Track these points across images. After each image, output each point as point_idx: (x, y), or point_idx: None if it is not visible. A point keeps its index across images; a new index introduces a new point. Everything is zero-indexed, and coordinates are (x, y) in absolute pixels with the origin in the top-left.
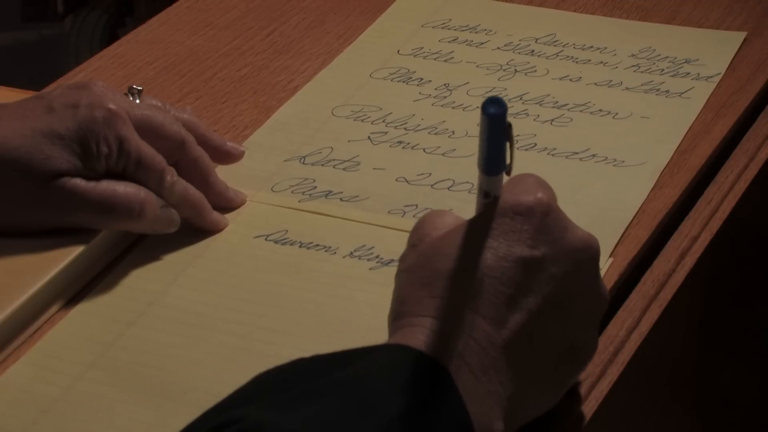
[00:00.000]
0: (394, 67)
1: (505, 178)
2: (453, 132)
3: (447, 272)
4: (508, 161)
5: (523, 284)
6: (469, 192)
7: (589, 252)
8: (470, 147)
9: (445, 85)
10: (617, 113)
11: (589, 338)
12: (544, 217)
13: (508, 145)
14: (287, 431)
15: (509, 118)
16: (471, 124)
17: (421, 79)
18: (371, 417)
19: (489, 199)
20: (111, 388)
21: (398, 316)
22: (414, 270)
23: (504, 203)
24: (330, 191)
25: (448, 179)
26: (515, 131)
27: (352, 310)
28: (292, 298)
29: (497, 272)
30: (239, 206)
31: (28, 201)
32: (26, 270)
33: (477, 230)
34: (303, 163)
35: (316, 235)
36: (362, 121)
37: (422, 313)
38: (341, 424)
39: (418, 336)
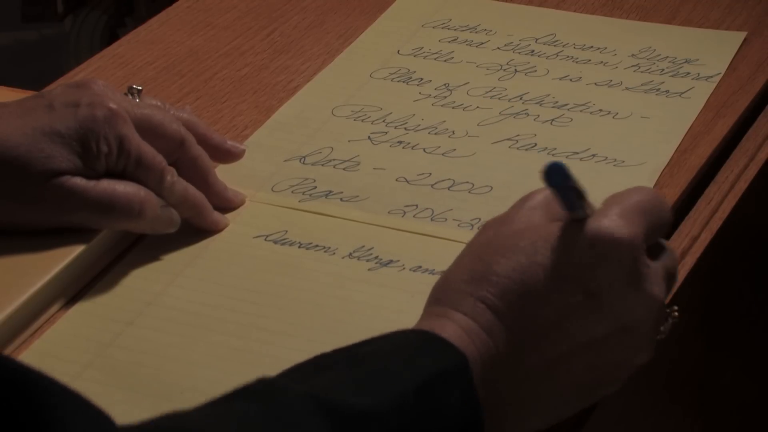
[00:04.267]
0: (394, 67)
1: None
2: (453, 132)
3: (498, 278)
4: (584, 211)
5: (569, 322)
6: (469, 192)
7: (649, 309)
8: (470, 147)
9: (445, 85)
10: (617, 113)
11: (613, 381)
12: (621, 259)
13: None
14: (292, 391)
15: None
16: (471, 124)
17: (421, 79)
18: (387, 388)
19: (579, 214)
20: (109, 388)
21: (439, 300)
22: (478, 253)
23: (590, 230)
24: (330, 191)
25: (448, 179)
26: (515, 131)
27: (351, 311)
28: (291, 299)
29: (548, 301)
30: (238, 206)
31: (28, 199)
32: (26, 270)
33: (548, 249)
34: (303, 163)
35: (315, 235)
36: (362, 121)
37: (459, 309)
38: (356, 390)
39: (448, 329)
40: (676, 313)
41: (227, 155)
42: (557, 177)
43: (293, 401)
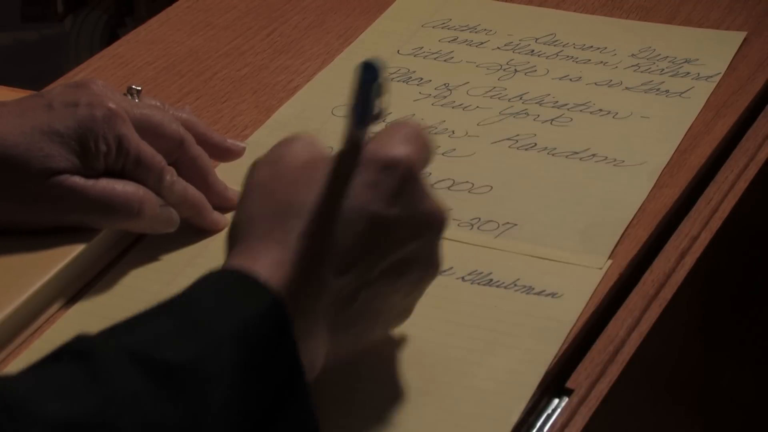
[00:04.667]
0: (394, 67)
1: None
2: (453, 132)
3: (301, 209)
4: (378, 109)
5: (369, 240)
6: (469, 192)
7: (437, 225)
8: (470, 147)
9: (445, 85)
10: (617, 113)
11: (407, 306)
12: (407, 179)
13: (381, 99)
14: (108, 347)
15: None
16: (471, 124)
17: (421, 79)
18: (202, 337)
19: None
20: None
21: (244, 236)
22: (268, 190)
23: (373, 153)
24: None
25: (448, 179)
26: (515, 131)
27: None
28: None
29: (348, 223)
30: None
31: (26, 199)
32: (26, 269)
33: (339, 174)
34: None
35: None
36: None
37: (269, 242)
38: (170, 342)
39: (262, 265)
40: None
41: (227, 153)
42: (372, 73)
43: (109, 358)
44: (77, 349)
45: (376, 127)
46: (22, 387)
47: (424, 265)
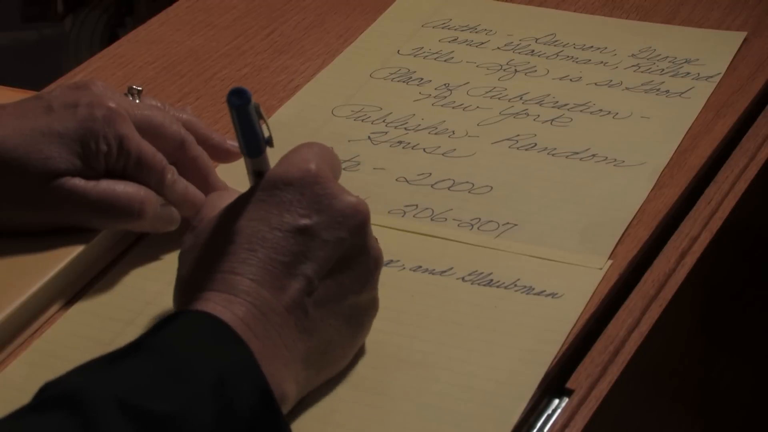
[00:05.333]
0: (394, 67)
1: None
2: (453, 132)
3: (225, 248)
4: (267, 134)
5: (298, 251)
6: (469, 192)
7: (358, 217)
8: (470, 147)
9: (445, 85)
10: (617, 113)
11: (368, 298)
12: (313, 187)
13: (263, 124)
14: (95, 395)
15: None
16: (471, 124)
17: (421, 79)
18: (184, 386)
19: (260, 177)
20: None
21: (185, 292)
22: (193, 250)
23: (274, 176)
24: None
25: (448, 179)
26: (515, 131)
27: None
28: None
29: (271, 242)
30: None
31: (27, 201)
32: (26, 270)
33: (249, 204)
34: None
35: None
36: (362, 121)
37: (208, 287)
38: (155, 390)
39: (207, 306)
40: None
41: (227, 155)
42: (237, 98)
43: (99, 408)
44: (64, 396)
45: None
46: None
47: (363, 257)
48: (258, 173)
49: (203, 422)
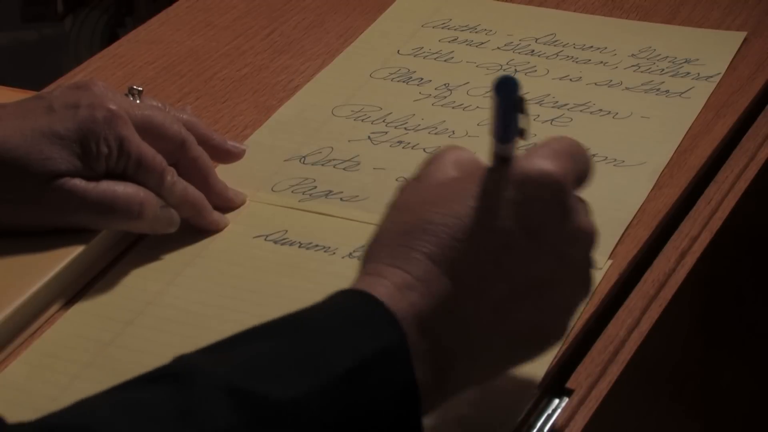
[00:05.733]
0: (394, 67)
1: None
2: (453, 132)
3: (434, 227)
4: (523, 127)
5: (508, 260)
6: None
7: (585, 243)
8: (470, 147)
9: (445, 85)
10: (617, 113)
11: (559, 326)
12: (553, 195)
13: (523, 116)
14: (207, 377)
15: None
16: (471, 124)
17: (421, 79)
18: (310, 366)
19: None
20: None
21: (372, 257)
22: (404, 208)
23: (517, 169)
24: (330, 191)
25: None
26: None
27: None
28: (291, 299)
29: (485, 242)
30: (239, 206)
31: (27, 201)
32: (26, 270)
33: (479, 191)
34: (303, 163)
35: (315, 235)
36: (362, 121)
37: (394, 264)
38: (277, 372)
39: (384, 288)
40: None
41: (228, 155)
42: (507, 89)
43: (206, 389)
44: (176, 372)
45: (523, 142)
46: (106, 410)
47: (570, 283)
48: (502, 158)
49: (328, 413)
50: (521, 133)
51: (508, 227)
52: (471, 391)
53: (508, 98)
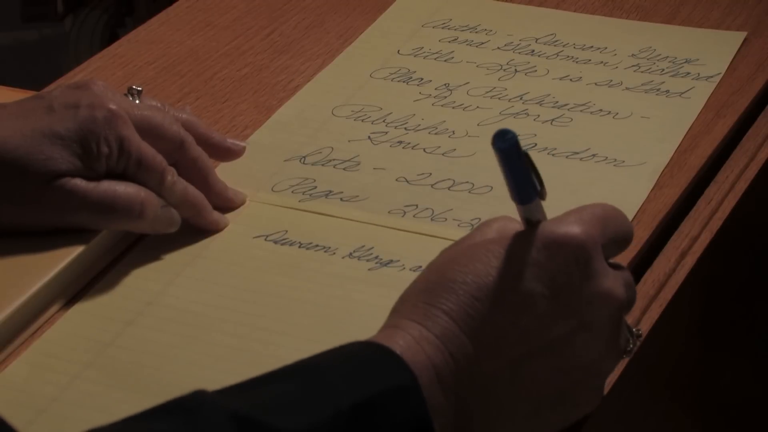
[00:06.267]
0: (394, 67)
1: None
2: (453, 132)
3: (455, 285)
4: (538, 187)
5: (527, 320)
6: (469, 192)
7: (607, 307)
8: (470, 147)
9: (445, 85)
10: (617, 113)
11: (588, 389)
12: (576, 257)
13: (532, 172)
14: (217, 410)
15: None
16: (471, 124)
17: (421, 79)
18: (318, 402)
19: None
20: (108, 388)
21: (395, 312)
22: (435, 268)
23: (543, 232)
24: (330, 191)
25: (448, 179)
26: (516, 131)
27: (351, 311)
28: (291, 299)
29: (504, 302)
30: (239, 206)
31: (28, 201)
32: (26, 270)
33: (503, 251)
34: (303, 163)
35: (315, 235)
36: (362, 121)
37: (412, 318)
38: (285, 406)
39: (401, 339)
40: (641, 332)
41: (228, 153)
42: (501, 141)
43: (213, 420)
44: (186, 407)
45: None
46: None
47: (591, 346)
48: (529, 221)
49: None
50: (539, 193)
51: (528, 288)
52: None
53: (509, 152)
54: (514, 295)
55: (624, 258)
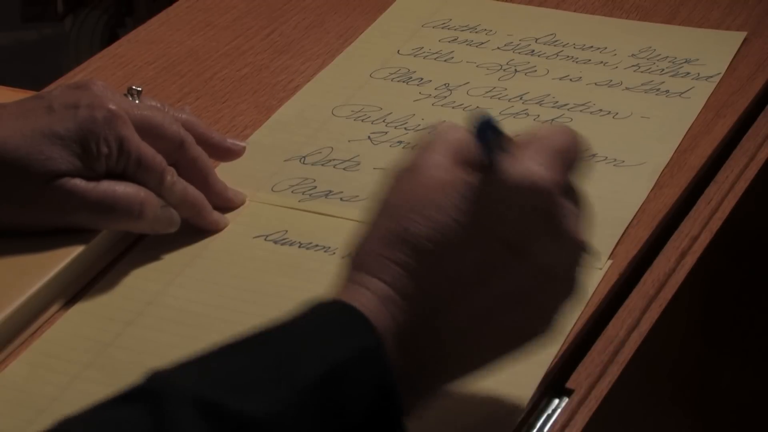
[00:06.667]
0: (394, 67)
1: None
2: None
3: (413, 239)
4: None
5: (489, 272)
6: None
7: (571, 253)
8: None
9: (445, 85)
10: (617, 113)
11: (546, 327)
12: (538, 204)
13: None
14: (180, 395)
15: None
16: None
17: (421, 79)
18: (283, 378)
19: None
20: (108, 388)
21: (357, 265)
22: (390, 212)
23: (503, 176)
24: (330, 191)
25: None
26: (515, 131)
27: None
28: (291, 299)
29: (465, 256)
30: (239, 206)
31: (28, 201)
32: (26, 270)
33: (462, 202)
34: (303, 163)
35: (315, 235)
36: (362, 121)
37: (377, 275)
38: (249, 387)
39: (365, 298)
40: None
41: (228, 153)
42: (487, 132)
43: (179, 408)
44: (150, 390)
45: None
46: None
47: (555, 291)
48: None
49: (303, 424)
50: (507, 141)
51: (489, 241)
52: (470, 392)
53: (491, 138)
54: (475, 250)
55: (624, 258)
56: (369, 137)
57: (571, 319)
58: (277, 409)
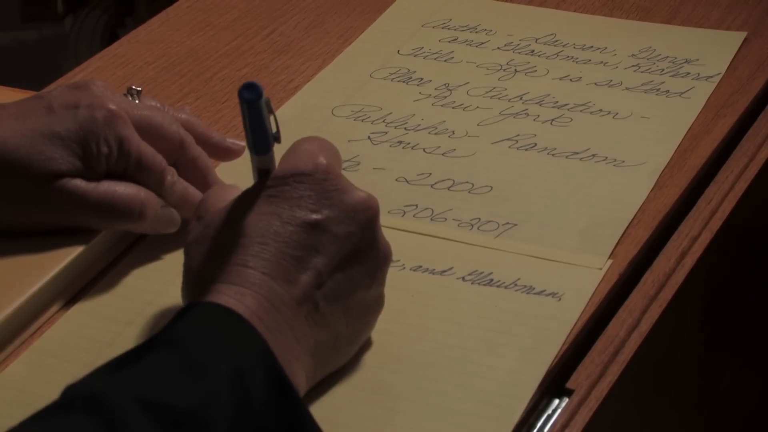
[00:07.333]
0: (394, 67)
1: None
2: (453, 132)
3: (236, 240)
4: (274, 130)
5: (309, 245)
6: (468, 192)
7: (369, 212)
8: (470, 147)
9: (445, 85)
10: (617, 113)
11: (376, 294)
12: (323, 182)
13: (272, 118)
14: (115, 396)
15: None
16: (471, 124)
17: (421, 79)
18: (202, 380)
19: (265, 175)
20: None
21: (195, 284)
22: (202, 241)
23: (283, 171)
24: None
25: (448, 179)
26: (515, 131)
27: None
28: None
29: (283, 237)
30: None
31: (28, 201)
32: (26, 270)
33: (260, 198)
34: None
35: None
36: (362, 121)
37: (219, 280)
38: (173, 385)
39: (220, 299)
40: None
41: (227, 153)
42: (249, 92)
43: (122, 408)
44: (84, 397)
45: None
46: None
47: (372, 252)
48: (264, 171)
49: (223, 414)
50: (276, 138)
51: (294, 228)
52: (470, 392)
53: (255, 104)
54: (293, 228)
55: (624, 258)
56: (369, 137)
57: (571, 319)
58: (204, 402)
